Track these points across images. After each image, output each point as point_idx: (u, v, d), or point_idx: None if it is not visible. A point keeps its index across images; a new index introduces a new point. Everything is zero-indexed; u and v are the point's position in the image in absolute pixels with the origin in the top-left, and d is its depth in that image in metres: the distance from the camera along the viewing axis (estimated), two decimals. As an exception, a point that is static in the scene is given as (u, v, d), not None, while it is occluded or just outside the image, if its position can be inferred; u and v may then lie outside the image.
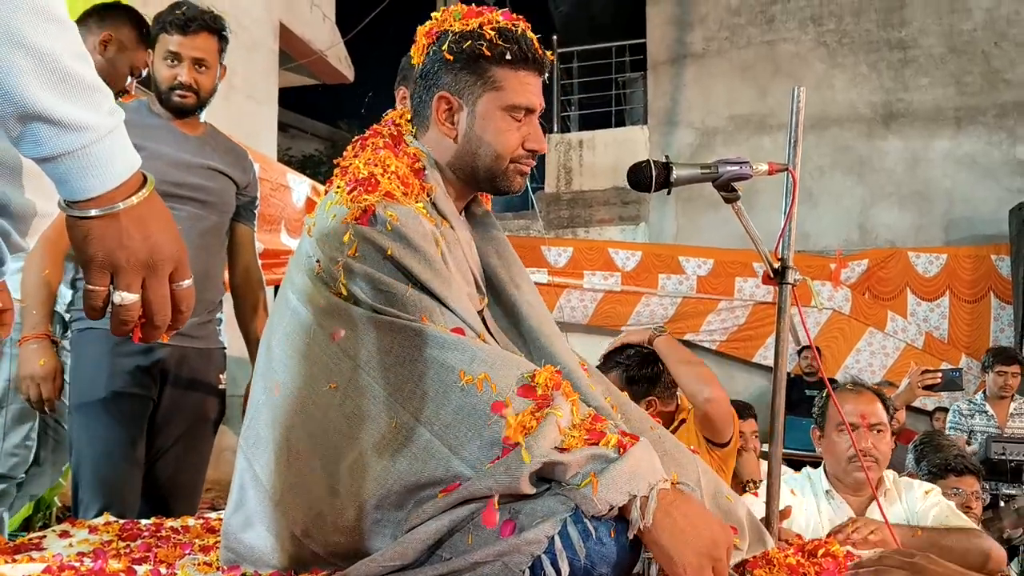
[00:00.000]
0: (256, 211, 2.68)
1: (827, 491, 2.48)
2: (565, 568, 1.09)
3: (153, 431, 2.38)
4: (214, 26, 2.39)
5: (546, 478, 1.15)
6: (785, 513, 1.85)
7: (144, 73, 2.52)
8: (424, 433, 1.20)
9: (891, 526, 2.08)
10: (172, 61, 2.35)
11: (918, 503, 2.42)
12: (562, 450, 1.14)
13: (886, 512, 2.36)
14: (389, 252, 1.33)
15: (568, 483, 1.13)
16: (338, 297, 1.34)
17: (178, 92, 2.37)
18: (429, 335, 1.26)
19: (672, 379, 2.65)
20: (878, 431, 2.42)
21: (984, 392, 5.41)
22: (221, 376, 2.55)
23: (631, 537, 1.13)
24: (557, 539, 1.10)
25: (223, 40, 2.42)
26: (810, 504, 2.47)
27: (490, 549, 1.11)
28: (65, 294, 2.41)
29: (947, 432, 5.33)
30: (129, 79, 2.51)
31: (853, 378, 2.64)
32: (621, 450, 1.15)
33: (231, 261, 2.60)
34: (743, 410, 3.88)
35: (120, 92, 2.47)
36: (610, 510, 1.11)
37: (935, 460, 3.19)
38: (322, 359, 1.33)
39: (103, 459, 2.26)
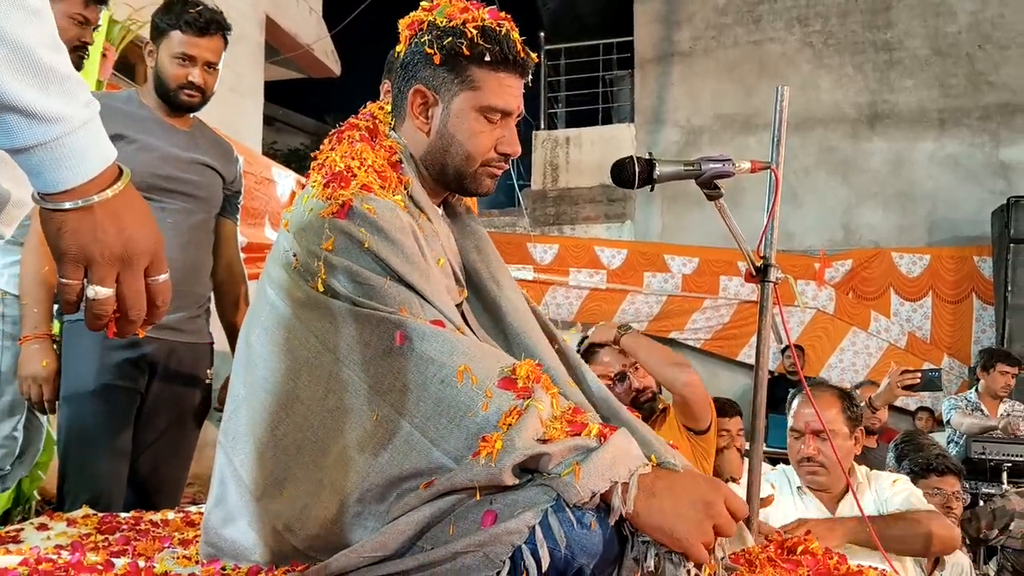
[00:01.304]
0: (240, 205, 2.67)
1: (798, 487, 2.52)
2: (545, 558, 1.09)
3: (139, 424, 2.37)
4: (226, 28, 2.40)
5: (528, 469, 1.14)
6: (767, 501, 1.87)
7: (99, 24, 2.40)
8: (405, 426, 1.20)
9: (838, 520, 2.09)
10: (184, 61, 2.33)
11: (886, 491, 2.46)
12: (544, 441, 1.14)
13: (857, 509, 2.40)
14: (367, 245, 1.33)
15: (551, 473, 1.13)
16: (316, 291, 1.34)
17: (187, 92, 2.36)
18: (408, 327, 1.25)
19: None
20: (823, 438, 2.43)
21: (976, 390, 5.37)
22: (208, 371, 2.55)
23: (612, 523, 1.13)
24: (538, 529, 1.10)
25: (227, 41, 2.43)
26: (787, 500, 2.51)
27: (471, 539, 1.11)
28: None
29: (947, 420, 5.31)
30: (81, 29, 2.36)
31: (821, 380, 2.69)
32: (602, 439, 1.15)
33: (214, 255, 2.60)
34: (728, 408, 3.87)
35: (76, 47, 2.34)
36: (592, 497, 1.11)
37: (917, 460, 3.21)
38: (303, 353, 1.32)
39: (90, 451, 2.25)
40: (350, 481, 1.21)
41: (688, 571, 1.13)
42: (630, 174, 1.58)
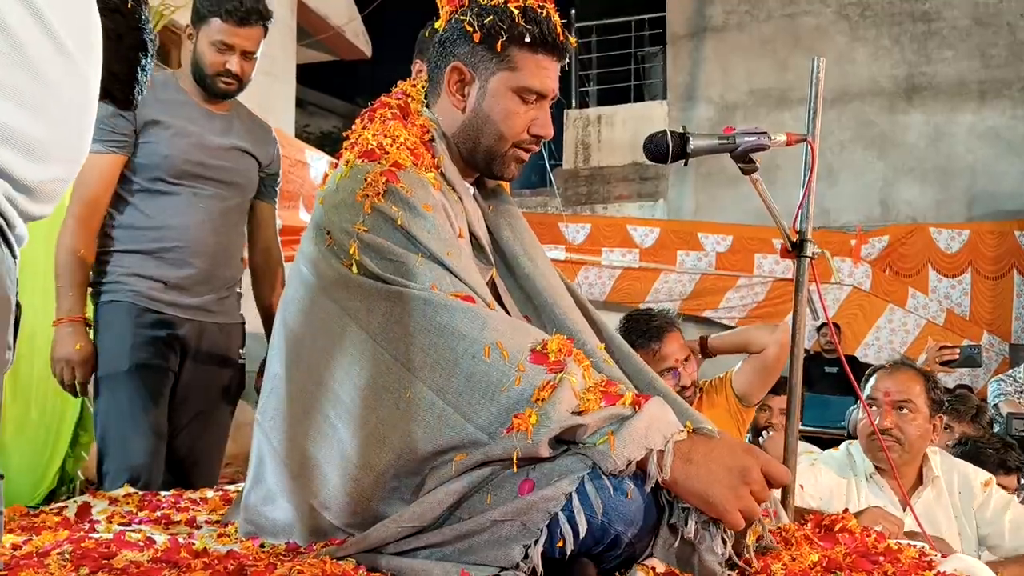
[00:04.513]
0: (278, 188, 2.67)
1: (870, 474, 2.34)
2: (583, 525, 1.09)
3: (174, 404, 2.40)
4: (267, 17, 2.39)
5: (564, 441, 1.15)
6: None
7: None
8: (438, 402, 1.20)
9: None
10: (223, 49, 2.34)
11: (976, 495, 2.27)
12: (579, 413, 1.14)
13: (935, 506, 2.25)
14: (399, 222, 1.34)
15: (586, 443, 1.13)
16: (348, 268, 1.35)
17: (224, 79, 2.36)
18: (439, 303, 1.26)
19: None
20: (901, 408, 2.27)
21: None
22: (240, 351, 2.57)
23: (649, 490, 1.13)
24: (575, 496, 1.10)
25: (267, 29, 2.43)
26: (849, 486, 2.33)
27: (508, 508, 1.11)
28: None
29: (994, 404, 5.18)
30: None
31: (903, 358, 2.51)
32: (636, 407, 1.16)
33: (251, 238, 2.61)
34: (780, 385, 3.61)
35: None
36: (628, 465, 1.11)
37: (990, 454, 3.08)
38: (336, 332, 1.33)
39: (128, 431, 2.28)
40: (384, 458, 1.22)
41: (724, 539, 1.13)
42: (664, 148, 1.57)
